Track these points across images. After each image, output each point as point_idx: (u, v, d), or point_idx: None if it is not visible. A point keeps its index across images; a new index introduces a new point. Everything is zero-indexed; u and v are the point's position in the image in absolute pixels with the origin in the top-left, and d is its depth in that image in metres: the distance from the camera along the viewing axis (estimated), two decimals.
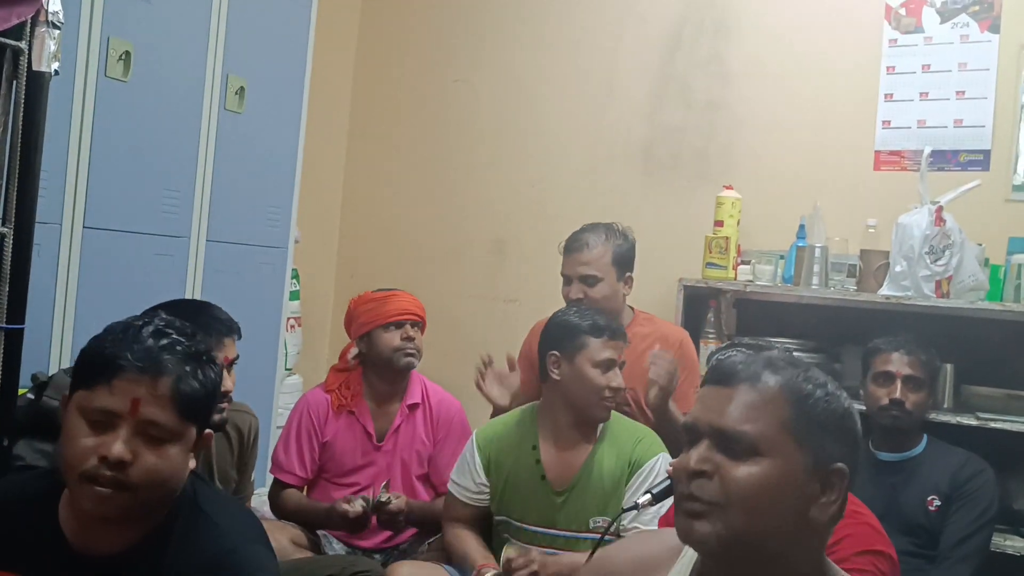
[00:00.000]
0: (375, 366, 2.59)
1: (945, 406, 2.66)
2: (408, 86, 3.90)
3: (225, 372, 1.91)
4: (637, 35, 3.43)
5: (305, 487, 2.60)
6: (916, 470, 2.39)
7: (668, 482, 1.55)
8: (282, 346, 3.18)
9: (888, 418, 2.39)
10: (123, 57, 2.45)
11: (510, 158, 3.68)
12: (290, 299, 3.27)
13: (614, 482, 2.11)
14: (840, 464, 1.06)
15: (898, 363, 2.39)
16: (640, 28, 3.42)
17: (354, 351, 2.66)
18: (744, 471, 1.04)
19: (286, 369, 3.33)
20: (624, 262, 2.56)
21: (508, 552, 2.08)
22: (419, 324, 2.60)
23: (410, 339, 2.55)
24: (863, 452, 2.44)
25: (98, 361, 1.31)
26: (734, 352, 1.17)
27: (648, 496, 1.47)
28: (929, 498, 2.35)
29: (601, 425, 2.19)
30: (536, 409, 2.27)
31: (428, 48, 3.86)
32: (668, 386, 2.33)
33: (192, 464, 1.38)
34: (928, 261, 2.55)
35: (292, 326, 3.38)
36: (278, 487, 2.56)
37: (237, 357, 1.95)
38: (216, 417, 1.88)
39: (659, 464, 2.11)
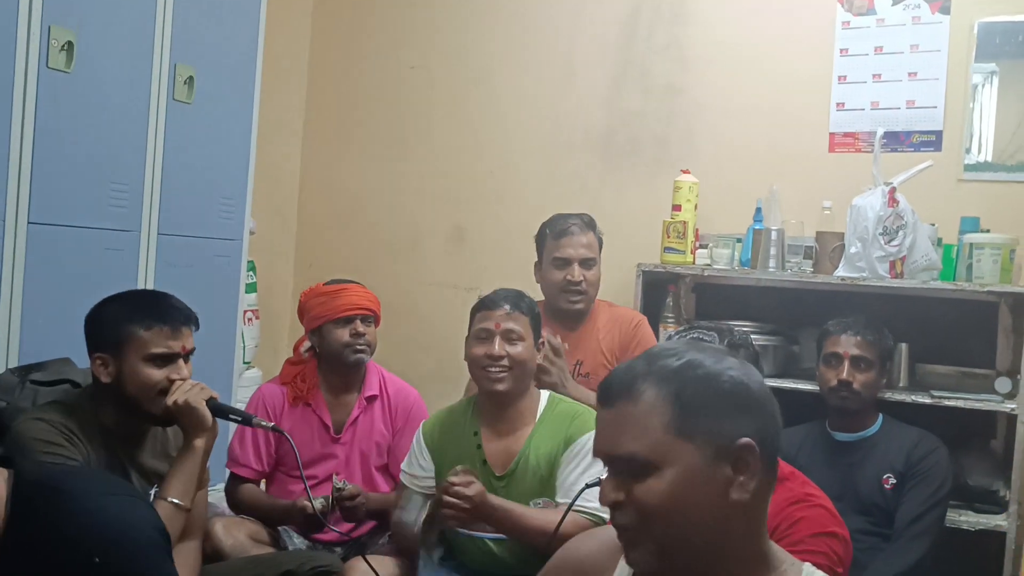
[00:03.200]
0: (328, 360, 2.56)
1: (900, 385, 2.69)
2: (364, 73, 3.85)
3: (181, 362, 1.88)
4: (595, 20, 3.41)
5: (262, 481, 2.58)
6: (871, 449, 2.42)
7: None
8: (239, 339, 3.14)
9: (837, 399, 2.42)
10: (65, 47, 2.38)
11: (468, 145, 3.66)
12: (247, 291, 3.22)
13: (551, 462, 2.12)
14: (744, 439, 1.03)
15: (846, 344, 2.41)
16: (597, 13, 3.40)
17: (307, 344, 2.63)
18: (648, 489, 1.02)
19: (244, 363, 3.28)
20: (600, 251, 2.59)
21: (451, 475, 2.05)
22: (371, 318, 2.57)
23: (360, 335, 2.52)
24: (819, 431, 2.47)
25: None
26: (619, 366, 1.14)
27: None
28: (884, 476, 2.37)
29: (541, 408, 2.19)
30: (477, 397, 2.27)
31: (384, 34, 3.81)
32: (550, 370, 2.33)
33: None
34: (882, 242, 2.57)
35: (249, 319, 3.33)
36: (235, 481, 2.53)
37: (194, 349, 1.92)
38: (159, 411, 1.86)
39: (591, 440, 2.09)
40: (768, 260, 2.79)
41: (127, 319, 1.86)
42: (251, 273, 3.33)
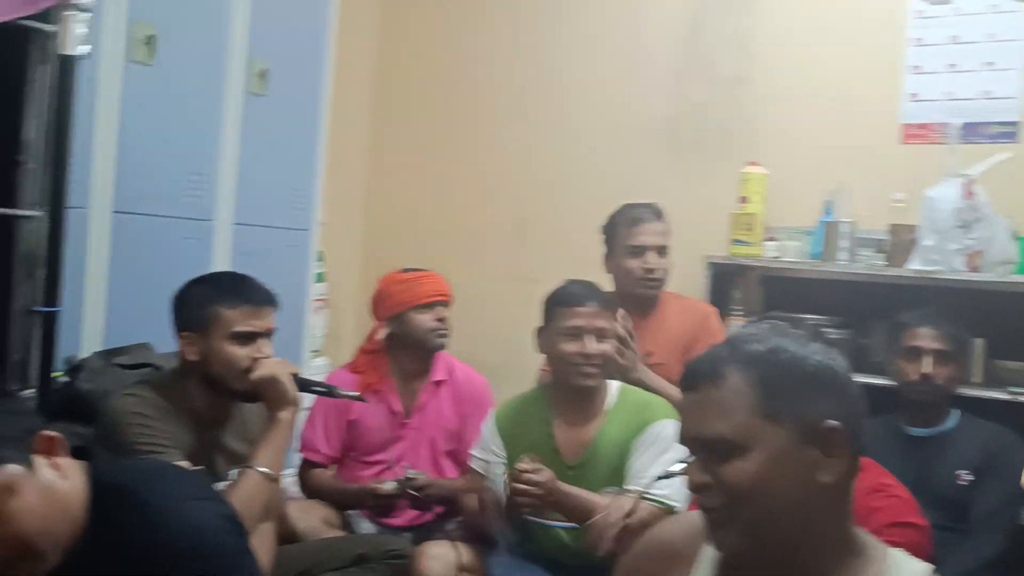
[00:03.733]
0: (406, 346, 2.60)
1: (975, 380, 2.64)
2: (431, 66, 3.89)
3: (264, 340, 1.93)
4: (659, 9, 3.39)
5: (333, 466, 2.63)
6: (947, 445, 2.38)
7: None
8: (308, 328, 3.20)
9: (917, 393, 2.37)
10: (147, 41, 2.46)
11: (531, 137, 3.67)
12: (316, 281, 3.28)
13: (623, 452, 2.13)
14: (831, 422, 1.04)
15: (927, 338, 2.37)
16: (662, 2, 3.38)
17: (384, 331, 2.67)
18: (735, 471, 1.04)
19: (313, 351, 3.35)
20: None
21: (522, 462, 2.06)
22: (448, 305, 2.63)
23: (442, 320, 2.57)
24: (892, 426, 2.43)
25: None
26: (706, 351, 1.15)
27: (683, 465, 1.49)
28: (959, 472, 2.33)
29: (613, 398, 2.20)
30: (550, 386, 2.29)
31: (449, 27, 3.84)
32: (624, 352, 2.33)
33: (61, 474, 1.27)
34: (958, 235, 2.52)
35: (318, 308, 3.39)
36: (307, 466, 2.59)
37: (275, 329, 1.97)
38: (243, 388, 1.91)
39: (662, 429, 2.09)
40: (839, 253, 2.76)
41: (212, 299, 1.92)
42: (320, 263, 3.39)
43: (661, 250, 2.56)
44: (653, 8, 3.41)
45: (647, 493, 2.00)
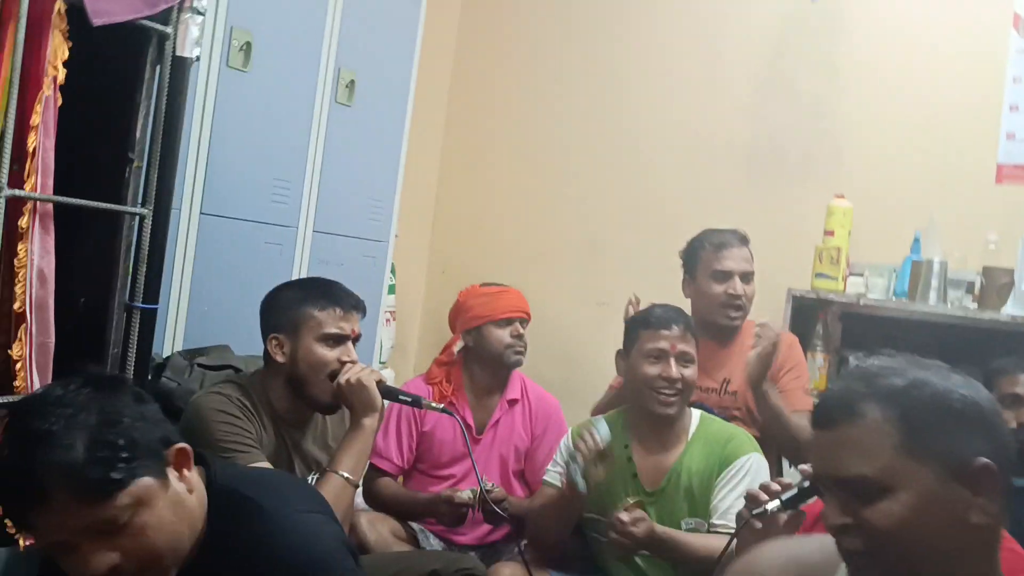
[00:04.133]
0: (481, 360, 2.59)
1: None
2: (505, 83, 3.89)
3: (351, 344, 1.94)
4: (742, 30, 3.35)
5: (401, 477, 2.61)
6: None
7: (796, 491, 1.50)
8: (378, 339, 3.21)
9: (1019, 443, 2.28)
10: (244, 47, 2.49)
11: (605, 156, 3.64)
12: (388, 292, 3.29)
13: (704, 483, 2.09)
14: (982, 460, 0.99)
15: None
16: (745, 23, 3.34)
17: (460, 344, 2.66)
18: (881, 512, 1.00)
19: (380, 362, 3.35)
20: None
21: (621, 511, 2.02)
22: (527, 322, 2.61)
23: (519, 336, 2.56)
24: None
25: (9, 517, 1.19)
26: (831, 384, 1.11)
27: (777, 503, 1.45)
28: None
29: (693, 426, 2.16)
30: (629, 410, 2.25)
31: (525, 45, 3.84)
32: (768, 356, 2.31)
33: (190, 484, 1.24)
34: None
35: (388, 319, 3.40)
36: (374, 474, 2.57)
37: (361, 335, 1.99)
38: (327, 393, 1.92)
39: (749, 464, 2.06)
40: (929, 293, 2.68)
41: (303, 301, 1.95)
42: (391, 275, 3.40)
43: (746, 276, 2.51)
44: (735, 26, 3.37)
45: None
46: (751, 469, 2.04)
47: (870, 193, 3.04)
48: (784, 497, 1.44)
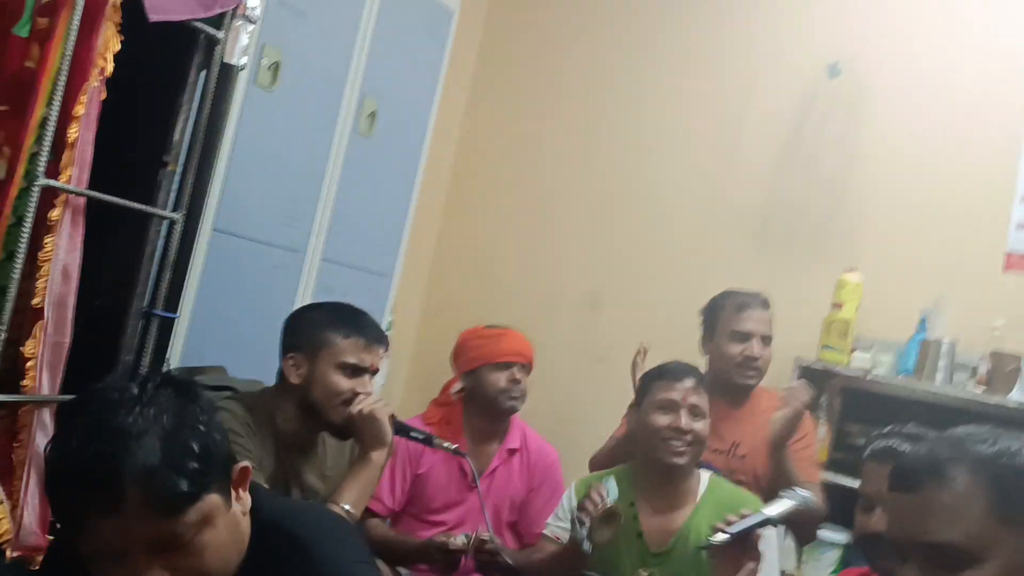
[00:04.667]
0: (478, 404, 2.53)
1: None
2: (518, 132, 3.89)
3: (368, 377, 1.88)
4: (766, 103, 3.39)
5: (389, 521, 2.53)
6: None
7: (748, 523, 1.79)
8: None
9: None
10: (272, 67, 2.47)
11: (614, 212, 3.64)
12: (386, 329, 3.23)
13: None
14: None
15: None
16: (771, 96, 3.38)
17: (458, 386, 2.60)
18: None
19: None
20: None
21: None
22: (527, 367, 2.56)
23: (517, 382, 2.50)
24: None
25: (59, 508, 1.11)
26: (909, 447, 1.08)
27: (724, 536, 1.75)
28: None
29: (703, 488, 2.11)
30: (634, 466, 2.20)
31: (543, 95, 3.85)
32: (796, 418, 2.29)
33: (244, 507, 1.17)
34: None
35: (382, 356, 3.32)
36: (364, 514, 2.48)
37: (379, 370, 1.93)
38: (339, 420, 1.85)
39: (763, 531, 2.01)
40: (936, 373, 2.67)
41: (328, 325, 1.91)
42: (390, 311, 3.34)
43: (765, 339, 2.50)
44: (760, 98, 3.40)
45: None
46: (763, 536, 1.98)
47: (880, 270, 3.05)
48: (732, 530, 1.75)
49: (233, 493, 1.15)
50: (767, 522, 1.85)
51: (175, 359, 2.32)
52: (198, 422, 1.10)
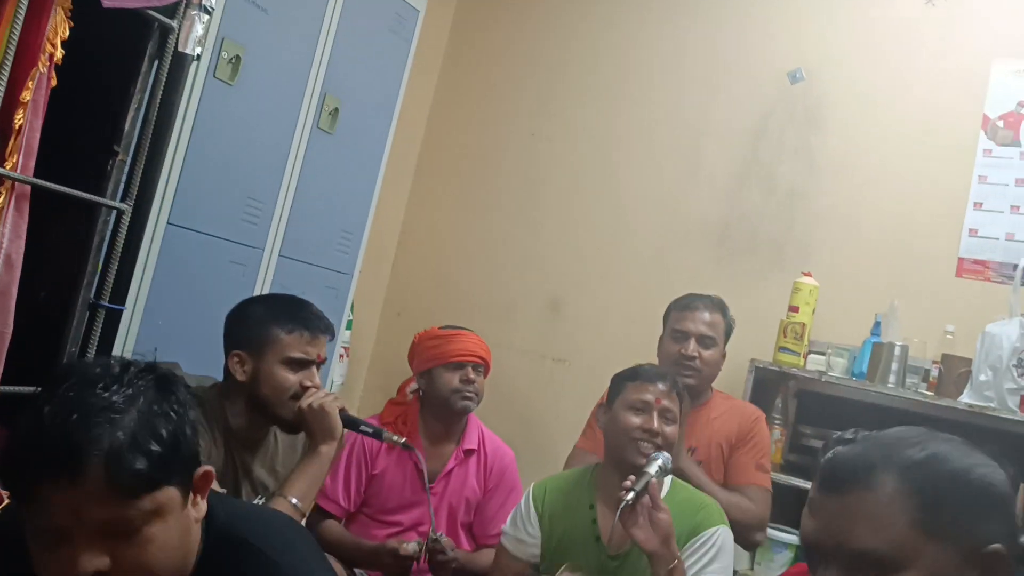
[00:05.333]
0: (432, 404, 2.52)
1: (1021, 526, 2.56)
2: (481, 133, 3.90)
3: (315, 369, 1.87)
4: (725, 116, 3.42)
5: (344, 520, 2.51)
6: None
7: (640, 483, 1.89)
8: (331, 376, 3.11)
9: None
10: (233, 60, 2.44)
11: (576, 218, 3.65)
12: (346, 327, 3.21)
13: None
14: (995, 545, 0.95)
15: None
16: (729, 110, 3.42)
17: (413, 386, 2.59)
18: None
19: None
20: (727, 338, 2.55)
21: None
22: (481, 367, 2.54)
23: (470, 381, 2.49)
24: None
25: (15, 476, 1.07)
26: (839, 448, 1.07)
27: (632, 494, 1.86)
28: None
29: (664, 491, 2.11)
30: (596, 469, 2.19)
31: (506, 99, 3.86)
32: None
33: (199, 513, 1.14)
34: (1015, 374, 2.48)
35: (341, 355, 3.31)
36: (318, 515, 2.46)
37: (326, 359, 1.92)
38: (288, 415, 1.84)
39: (717, 536, 2.02)
40: (888, 376, 2.71)
41: (271, 320, 1.88)
42: (350, 310, 3.32)
43: (705, 340, 2.48)
44: (719, 112, 3.43)
45: None
46: (718, 542, 1.99)
47: (835, 276, 3.09)
48: (638, 488, 1.87)
49: (191, 496, 1.12)
50: (651, 479, 1.93)
51: (128, 354, 2.28)
52: (173, 412, 1.08)
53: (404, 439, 2.00)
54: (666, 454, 2.00)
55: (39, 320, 1.59)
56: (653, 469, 1.94)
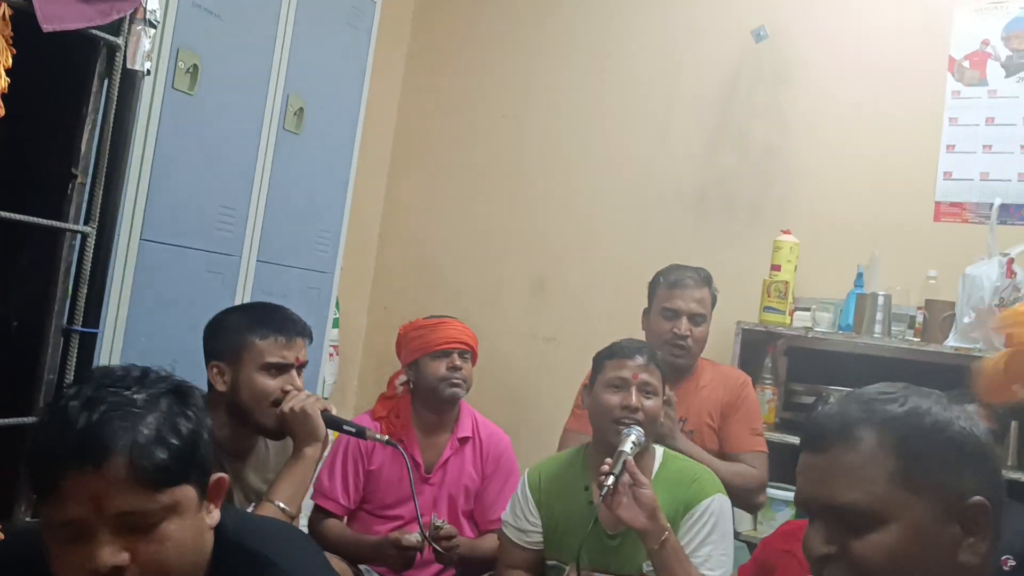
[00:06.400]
0: (422, 395, 2.52)
1: (1010, 464, 2.58)
2: (453, 119, 3.88)
3: (295, 372, 1.87)
4: (693, 78, 3.41)
5: (345, 518, 2.52)
6: None
7: (617, 465, 1.88)
8: (322, 375, 3.11)
9: None
10: (191, 70, 2.42)
11: (554, 196, 3.65)
12: (333, 326, 3.20)
13: (669, 524, 2.03)
14: (977, 497, 0.97)
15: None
16: (696, 72, 3.41)
17: (402, 378, 2.59)
18: (869, 545, 0.96)
19: (324, 399, 3.24)
20: (713, 309, 2.55)
21: None
22: (468, 354, 2.54)
23: (456, 368, 2.48)
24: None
25: (38, 467, 1.10)
26: (823, 406, 1.08)
27: (609, 481, 1.85)
28: (1004, 557, 2.25)
29: (657, 464, 2.12)
30: (587, 449, 2.20)
31: (475, 83, 3.85)
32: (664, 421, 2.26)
33: (213, 521, 1.17)
34: (998, 313, 2.49)
35: (331, 354, 3.30)
36: (320, 515, 2.47)
37: (307, 362, 1.93)
38: (270, 423, 1.84)
39: (714, 505, 2.03)
40: (874, 326, 2.72)
41: (245, 328, 1.90)
42: (335, 308, 3.32)
43: (696, 318, 2.49)
44: (687, 75, 3.43)
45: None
46: (715, 511, 2.00)
47: (816, 231, 3.10)
48: (616, 471, 1.87)
49: (206, 502, 1.16)
50: (627, 456, 1.92)
51: None
52: (192, 414, 1.14)
53: (387, 437, 2.01)
54: (638, 428, 1.99)
55: (14, 351, 1.58)
56: (628, 447, 1.94)
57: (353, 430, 1.99)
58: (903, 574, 0.95)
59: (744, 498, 2.37)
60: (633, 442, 1.95)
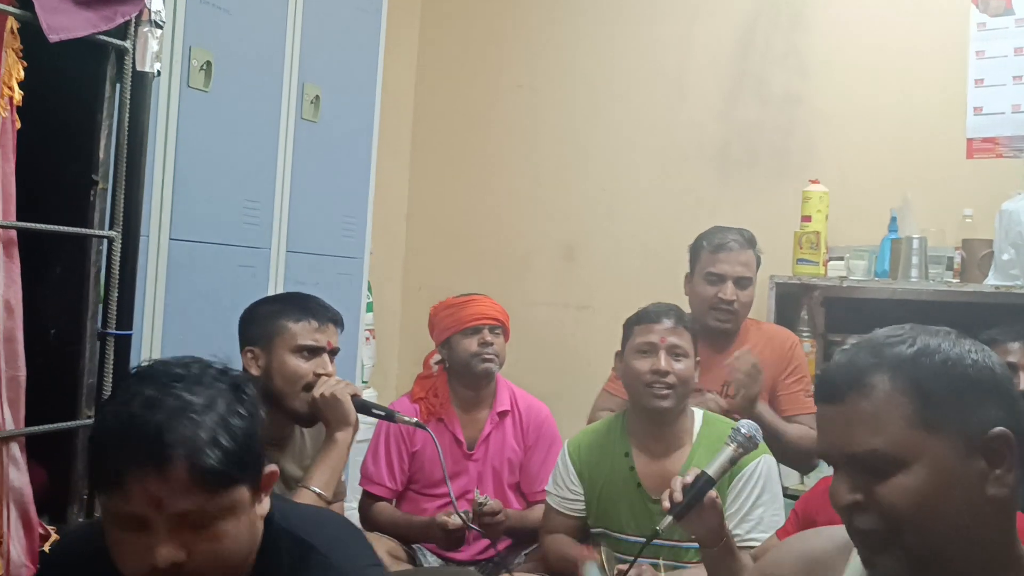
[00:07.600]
0: (457, 373, 2.55)
1: None
2: (470, 93, 3.86)
3: (327, 357, 1.89)
4: (708, 32, 3.36)
5: (394, 500, 2.55)
6: None
7: (691, 493, 1.67)
8: (359, 359, 3.14)
9: None
10: (204, 67, 2.43)
11: (577, 162, 3.62)
12: (367, 311, 3.23)
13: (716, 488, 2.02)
14: (998, 428, 0.95)
15: (1019, 354, 2.27)
16: (710, 24, 3.35)
17: (437, 357, 2.62)
18: (895, 488, 0.95)
19: (363, 382, 3.28)
20: (757, 271, 2.54)
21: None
22: (499, 329, 2.55)
23: (488, 344, 2.49)
24: None
25: (102, 464, 1.14)
26: (836, 356, 1.07)
27: (669, 518, 1.68)
28: None
29: (697, 427, 2.11)
30: (626, 415, 2.20)
31: (489, 54, 3.82)
32: (751, 388, 2.29)
33: (263, 510, 1.20)
34: None
35: (367, 338, 3.33)
36: (369, 500, 2.51)
37: (339, 349, 1.98)
38: (302, 408, 1.87)
39: (760, 467, 2.03)
40: (910, 270, 2.68)
41: (278, 313, 1.95)
42: (368, 293, 3.34)
43: (741, 281, 2.46)
44: (701, 28, 3.37)
45: (748, 541, 1.95)
46: (763, 472, 2.01)
47: (845, 178, 3.04)
48: (679, 509, 1.67)
49: (258, 494, 1.19)
50: (710, 482, 1.70)
51: None
52: (246, 412, 1.16)
53: (416, 419, 2.04)
54: (745, 435, 1.73)
55: (54, 358, 1.62)
56: (712, 469, 1.71)
57: (383, 414, 2.02)
58: (932, 514, 0.95)
59: (804, 460, 2.38)
60: (725, 459, 1.73)
